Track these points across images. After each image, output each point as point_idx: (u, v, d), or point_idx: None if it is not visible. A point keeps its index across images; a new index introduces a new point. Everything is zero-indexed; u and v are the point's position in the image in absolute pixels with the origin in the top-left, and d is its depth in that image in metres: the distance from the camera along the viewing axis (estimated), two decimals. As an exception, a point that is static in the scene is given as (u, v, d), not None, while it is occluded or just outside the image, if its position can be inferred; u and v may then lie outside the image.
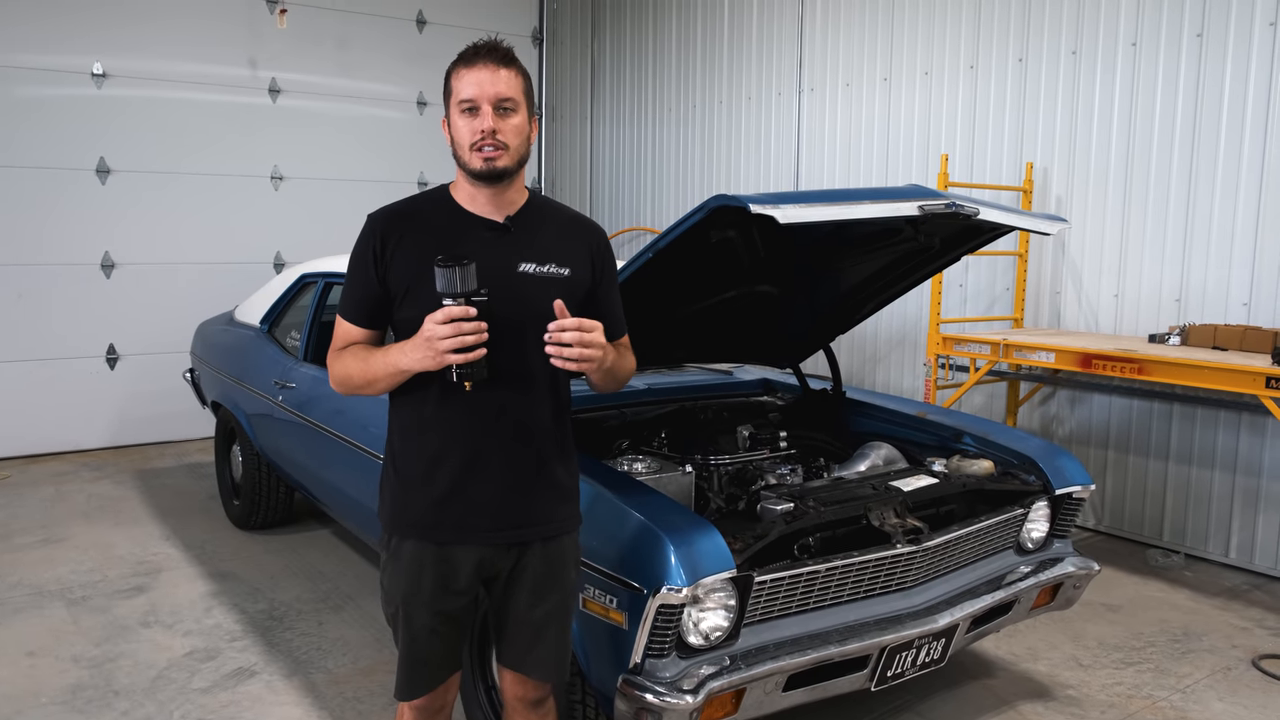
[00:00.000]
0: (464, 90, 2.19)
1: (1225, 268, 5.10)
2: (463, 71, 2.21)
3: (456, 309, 2.05)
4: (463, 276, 2.04)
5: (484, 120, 2.17)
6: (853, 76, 7.01)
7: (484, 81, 2.18)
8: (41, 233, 7.35)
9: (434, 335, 2.07)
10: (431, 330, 2.07)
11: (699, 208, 2.74)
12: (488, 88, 2.17)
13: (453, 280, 2.04)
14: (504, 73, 2.19)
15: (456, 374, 2.11)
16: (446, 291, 2.06)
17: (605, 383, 2.34)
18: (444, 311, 2.06)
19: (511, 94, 2.20)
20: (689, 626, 2.66)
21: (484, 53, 2.20)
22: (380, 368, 2.20)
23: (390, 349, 2.20)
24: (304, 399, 4.65)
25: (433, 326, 2.07)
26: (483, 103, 2.17)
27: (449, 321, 2.05)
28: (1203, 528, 5.34)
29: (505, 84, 2.19)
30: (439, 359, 2.08)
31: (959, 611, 3.10)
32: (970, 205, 3.00)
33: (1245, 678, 3.99)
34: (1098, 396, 5.75)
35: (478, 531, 2.28)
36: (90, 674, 3.94)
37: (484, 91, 2.17)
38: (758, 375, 4.70)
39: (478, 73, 2.18)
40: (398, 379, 2.21)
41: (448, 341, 2.06)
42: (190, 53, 7.81)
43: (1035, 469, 3.56)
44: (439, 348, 2.07)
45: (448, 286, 2.05)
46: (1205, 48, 5.10)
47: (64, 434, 7.64)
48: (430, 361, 2.10)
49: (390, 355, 2.18)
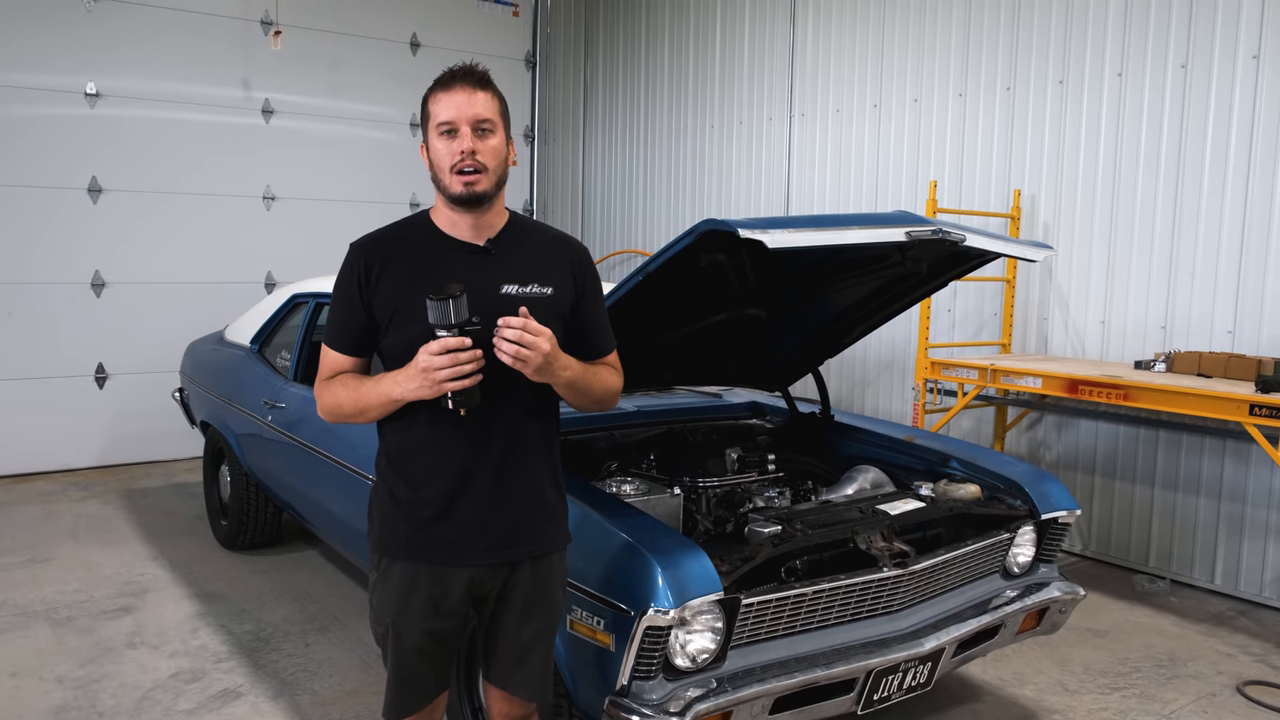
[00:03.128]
0: (442, 113, 2.22)
1: (1210, 295, 5.15)
2: (440, 95, 2.24)
3: (453, 340, 2.07)
4: (456, 308, 2.06)
5: (463, 141, 2.20)
6: (843, 103, 7.08)
7: (461, 104, 2.21)
8: (32, 251, 7.35)
9: (430, 366, 2.08)
10: (428, 362, 2.08)
11: (689, 231, 2.77)
12: (465, 109, 2.20)
13: (445, 313, 2.05)
14: (481, 95, 2.23)
15: (452, 401, 2.13)
16: (440, 323, 2.07)
17: (576, 399, 2.34)
18: (440, 343, 2.07)
19: (489, 115, 2.23)
20: (676, 648, 2.66)
21: (460, 76, 2.24)
22: (373, 397, 2.22)
23: (382, 379, 2.21)
24: (293, 419, 4.65)
25: (429, 358, 2.08)
26: (461, 124, 2.21)
27: (445, 353, 2.07)
28: (1188, 553, 5.37)
29: (482, 106, 2.22)
30: (436, 389, 2.11)
31: (945, 635, 3.11)
32: (957, 232, 3.04)
33: (1230, 704, 4.00)
34: (1084, 422, 5.78)
35: (468, 552, 2.29)
36: (75, 695, 3.91)
37: (462, 113, 2.20)
38: (746, 398, 4.71)
39: (455, 95, 2.21)
40: (391, 408, 2.23)
41: (445, 372, 2.08)
42: (184, 73, 7.84)
43: (1021, 494, 3.57)
44: (436, 379, 2.09)
45: (441, 319, 2.06)
46: (1190, 78, 5.17)
47: (52, 453, 7.60)
48: (426, 391, 2.12)
49: (383, 385, 2.19)
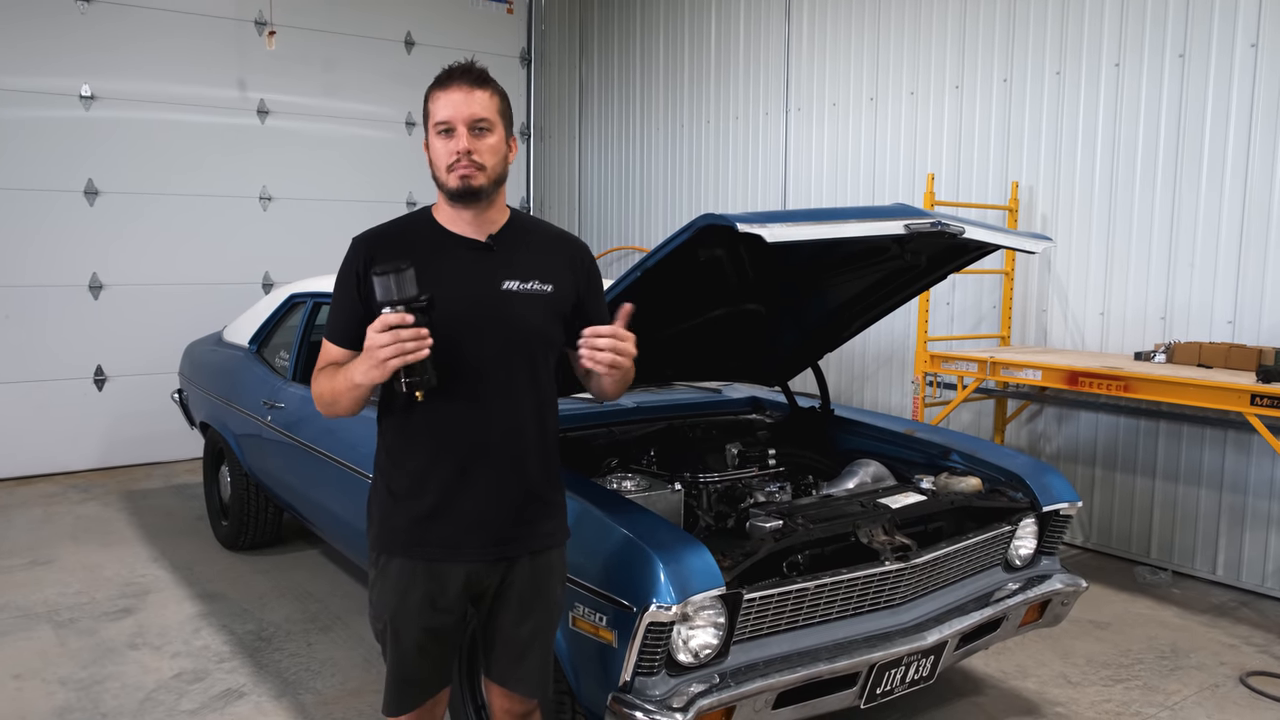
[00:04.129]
0: (439, 112, 2.22)
1: (1210, 285, 5.15)
2: (438, 94, 2.24)
3: (393, 317, 2.02)
4: (399, 283, 2.02)
5: (459, 141, 2.20)
6: (839, 96, 7.07)
7: (458, 103, 2.21)
8: (29, 254, 7.34)
9: (373, 345, 2.04)
10: (371, 340, 2.04)
11: (687, 226, 2.76)
12: (462, 109, 2.20)
13: (389, 288, 2.03)
14: (478, 94, 2.22)
15: (405, 384, 2.08)
16: (385, 300, 2.04)
17: (613, 392, 2.39)
18: (381, 320, 2.04)
19: (486, 114, 2.22)
20: (678, 644, 2.66)
21: (458, 74, 2.23)
22: (341, 383, 2.20)
23: (347, 365, 2.19)
24: (293, 419, 4.65)
25: (373, 336, 2.04)
26: (458, 124, 2.20)
27: (386, 330, 2.03)
28: (1190, 545, 5.37)
29: (480, 105, 2.22)
30: (382, 368, 2.05)
31: (947, 628, 3.10)
32: (956, 224, 3.03)
33: (1233, 695, 4.00)
34: (1084, 414, 5.78)
35: (465, 548, 2.29)
36: (78, 696, 3.91)
37: (458, 113, 2.20)
38: (746, 393, 4.71)
39: (452, 94, 2.21)
40: (356, 393, 2.19)
41: (387, 349, 2.03)
42: (179, 74, 7.82)
43: (1023, 486, 3.57)
44: (379, 357, 2.04)
45: (385, 295, 2.03)
46: (1187, 68, 5.16)
47: (52, 456, 7.60)
48: (375, 373, 2.07)
49: (346, 371, 2.18)
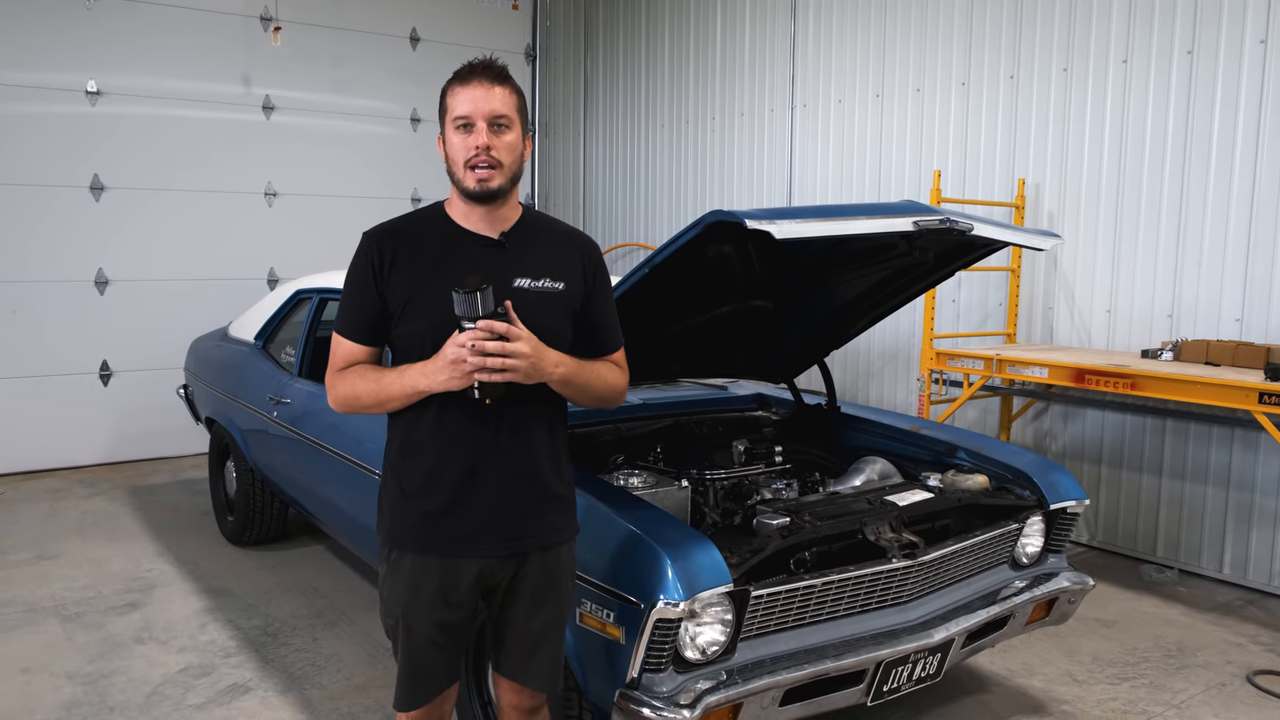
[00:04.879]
0: (459, 107, 2.22)
1: (1218, 283, 5.13)
2: (458, 89, 2.24)
3: (483, 332, 2.07)
4: (483, 300, 2.06)
5: (478, 136, 2.21)
6: (845, 93, 7.05)
7: (478, 98, 2.21)
8: (35, 249, 7.35)
9: (459, 358, 2.09)
10: (457, 354, 2.09)
11: (695, 223, 2.75)
12: (482, 104, 2.21)
13: (473, 305, 2.06)
14: (498, 90, 2.23)
15: (479, 391, 2.13)
16: (466, 316, 2.08)
17: (576, 396, 2.34)
18: (469, 334, 2.07)
19: (505, 111, 2.23)
20: (686, 641, 2.66)
21: (479, 70, 2.24)
22: (396, 389, 2.22)
23: (407, 370, 2.20)
24: (299, 414, 4.65)
25: (458, 350, 2.09)
26: (477, 119, 2.21)
27: (475, 343, 2.07)
28: (1196, 543, 5.36)
29: (499, 101, 2.22)
30: (465, 380, 2.12)
31: (954, 626, 3.10)
32: (965, 221, 3.02)
33: (1240, 693, 4.00)
34: (1090, 412, 5.77)
35: (477, 543, 2.29)
36: (85, 690, 3.92)
37: (478, 108, 2.21)
38: (752, 390, 4.71)
39: (472, 90, 2.22)
40: (414, 399, 2.23)
41: (474, 361, 2.08)
42: (184, 70, 7.83)
43: (1030, 484, 3.57)
44: (465, 369, 2.10)
45: (468, 312, 2.07)
46: (1196, 64, 5.14)
47: (58, 450, 7.61)
48: (456, 383, 2.13)
49: (407, 377, 2.20)
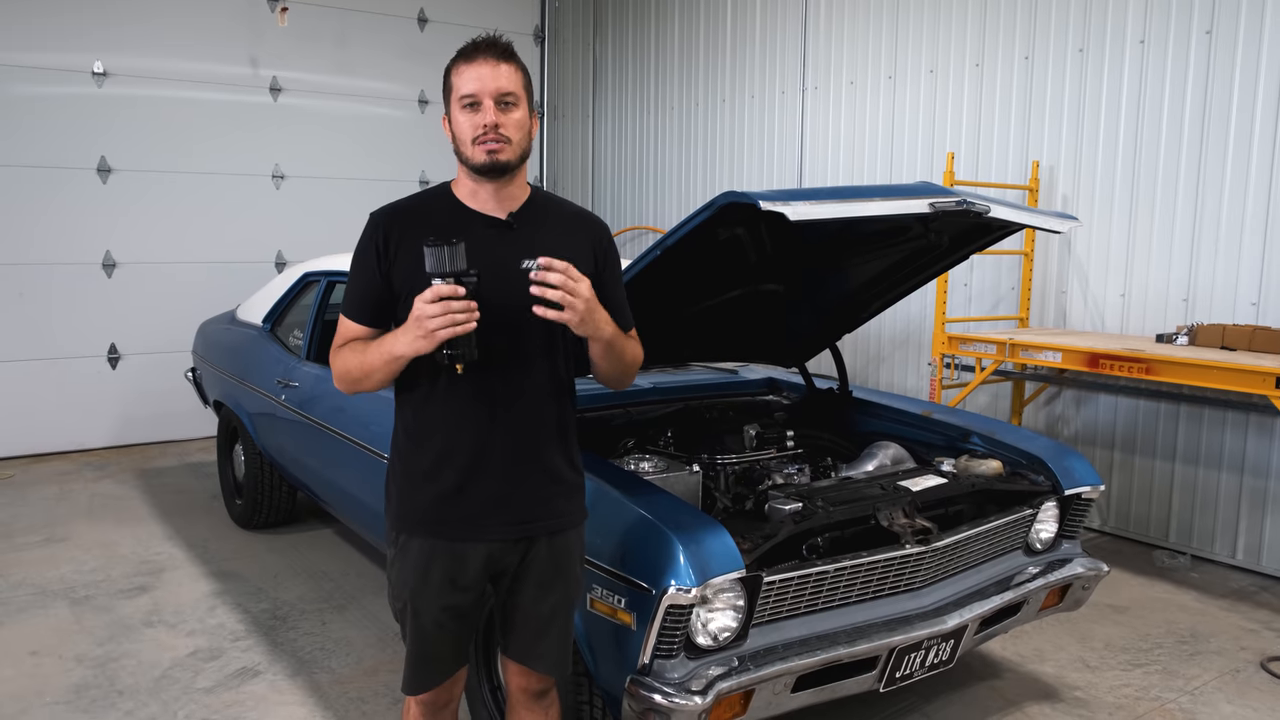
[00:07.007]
0: (465, 85, 2.19)
1: (1234, 267, 5.08)
2: (463, 67, 2.21)
3: (445, 288, 2.03)
4: (451, 256, 2.03)
5: (486, 115, 2.18)
6: (857, 75, 6.99)
7: (485, 76, 2.18)
8: (43, 232, 7.34)
9: (423, 314, 2.04)
10: (421, 310, 2.04)
11: (708, 204, 2.71)
12: (489, 82, 2.18)
13: (441, 259, 2.03)
14: (504, 67, 2.20)
15: (447, 356, 2.09)
16: (435, 271, 2.04)
17: (609, 364, 2.31)
18: (432, 290, 2.03)
19: (512, 88, 2.20)
20: (697, 627, 2.64)
21: (484, 48, 2.21)
22: (376, 357, 2.19)
23: (385, 338, 2.18)
24: (307, 398, 4.63)
25: (422, 306, 2.04)
26: (484, 97, 2.18)
27: (438, 300, 2.03)
28: (1210, 529, 5.32)
29: (506, 78, 2.19)
30: (430, 339, 2.06)
31: (968, 612, 3.07)
32: (981, 203, 2.98)
33: (1254, 680, 3.97)
34: (1104, 397, 5.73)
35: (485, 527, 2.28)
36: (94, 673, 3.92)
37: (485, 86, 2.17)
38: (763, 374, 4.67)
39: (478, 68, 2.18)
40: (393, 366, 2.19)
41: (437, 320, 2.03)
42: (191, 51, 7.79)
43: (1044, 469, 3.53)
44: (429, 327, 2.04)
45: (436, 266, 2.04)
46: (1215, 45, 5.07)
47: (66, 433, 7.62)
48: (422, 343, 2.07)
49: (384, 343, 2.17)
